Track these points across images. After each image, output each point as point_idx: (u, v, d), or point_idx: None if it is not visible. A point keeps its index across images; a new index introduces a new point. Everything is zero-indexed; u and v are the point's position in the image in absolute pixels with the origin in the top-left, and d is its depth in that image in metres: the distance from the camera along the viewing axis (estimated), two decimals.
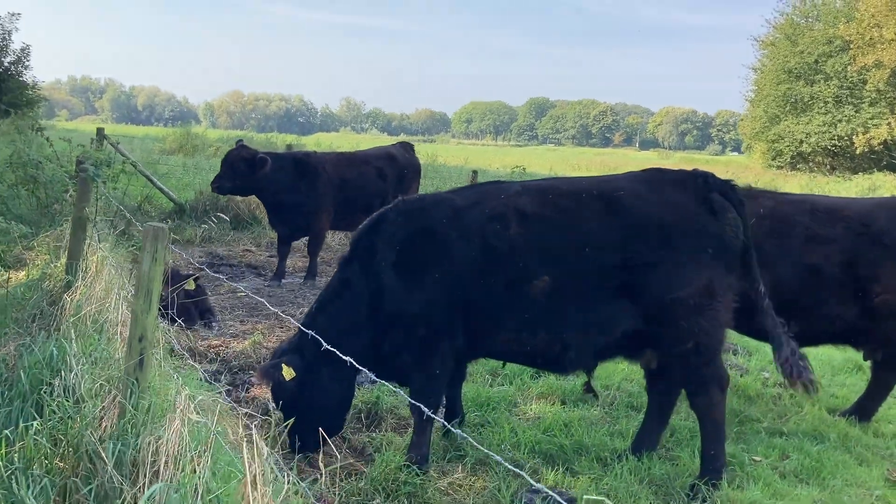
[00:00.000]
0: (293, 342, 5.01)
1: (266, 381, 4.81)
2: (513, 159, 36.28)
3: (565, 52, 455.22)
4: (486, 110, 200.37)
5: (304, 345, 4.76)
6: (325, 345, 4.02)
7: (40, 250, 7.92)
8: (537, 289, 4.64)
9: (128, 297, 4.89)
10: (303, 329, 4.66)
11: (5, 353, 5.22)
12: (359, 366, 4.11)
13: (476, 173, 13.50)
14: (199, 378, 4.82)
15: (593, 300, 4.68)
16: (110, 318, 4.89)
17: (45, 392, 4.03)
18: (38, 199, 9.66)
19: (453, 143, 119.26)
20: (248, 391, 5.95)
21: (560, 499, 2.30)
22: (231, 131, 51.34)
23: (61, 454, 3.57)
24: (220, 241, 12.50)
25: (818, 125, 43.91)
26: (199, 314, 7.71)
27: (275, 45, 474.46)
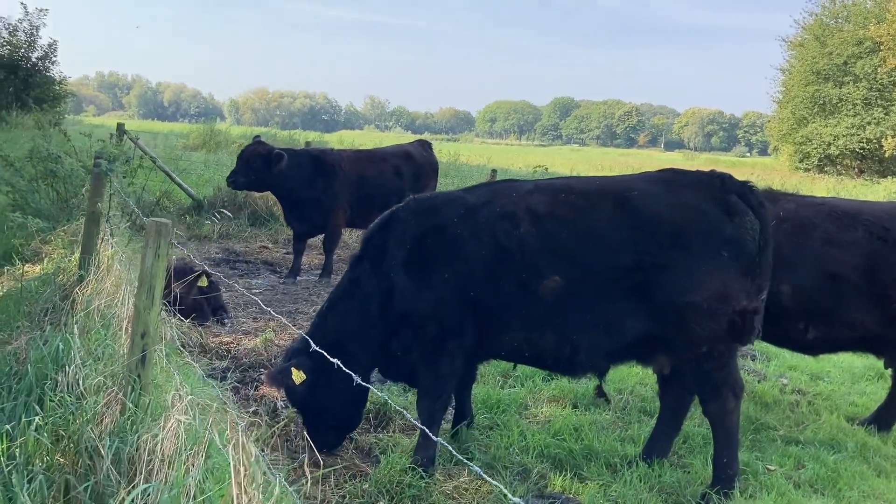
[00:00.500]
0: (303, 342, 4.96)
1: (275, 387, 4.79)
2: (536, 159, 36.13)
3: (591, 52, 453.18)
4: (510, 110, 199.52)
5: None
6: (314, 346, 3.98)
7: (56, 244, 7.97)
8: (548, 289, 4.56)
9: (135, 293, 4.87)
10: (306, 332, 4.62)
11: (17, 346, 5.23)
12: (351, 372, 3.83)
13: (495, 172, 13.31)
14: (201, 376, 4.77)
15: (604, 302, 4.58)
16: (118, 314, 4.88)
17: (48, 387, 4.02)
18: (58, 193, 9.70)
19: (477, 143, 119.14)
20: (256, 389, 5.93)
21: None
22: (255, 128, 51.51)
23: (62, 450, 3.55)
24: (237, 237, 12.52)
25: (846, 127, 43.35)
26: (212, 311, 7.72)
27: (300, 42, 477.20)
